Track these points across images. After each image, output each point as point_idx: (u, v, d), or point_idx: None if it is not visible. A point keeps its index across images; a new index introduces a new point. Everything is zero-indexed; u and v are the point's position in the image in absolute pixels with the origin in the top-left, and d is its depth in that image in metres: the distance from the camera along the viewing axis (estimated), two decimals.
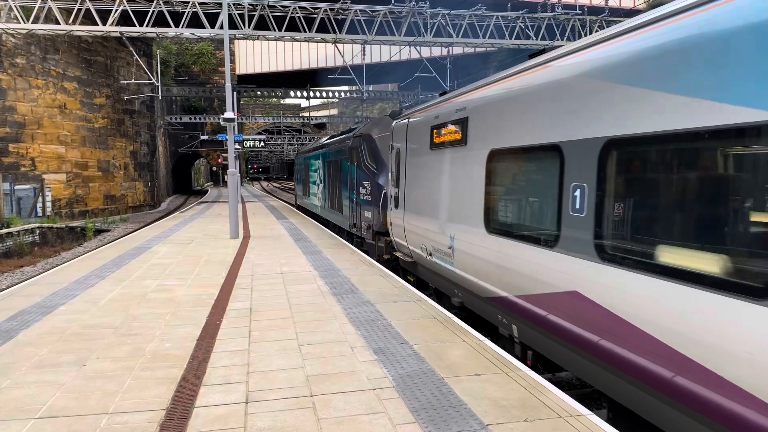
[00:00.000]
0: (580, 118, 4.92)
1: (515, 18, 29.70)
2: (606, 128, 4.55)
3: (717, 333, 3.41)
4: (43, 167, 27.81)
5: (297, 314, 7.51)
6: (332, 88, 57.42)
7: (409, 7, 27.70)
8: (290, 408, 4.54)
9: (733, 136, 3.38)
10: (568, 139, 5.06)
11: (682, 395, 3.72)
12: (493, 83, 7.07)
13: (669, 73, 3.90)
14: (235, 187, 16.31)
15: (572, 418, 4.32)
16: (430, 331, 6.68)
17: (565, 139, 5.12)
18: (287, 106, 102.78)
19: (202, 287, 9.33)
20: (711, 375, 3.45)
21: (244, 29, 26.88)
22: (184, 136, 53.52)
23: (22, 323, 7.11)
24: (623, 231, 4.34)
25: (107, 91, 33.18)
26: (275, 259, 12.16)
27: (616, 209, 4.40)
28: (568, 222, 5.00)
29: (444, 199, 8.39)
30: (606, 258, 4.46)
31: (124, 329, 6.85)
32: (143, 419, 4.35)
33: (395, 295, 8.62)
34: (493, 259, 6.56)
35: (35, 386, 5.02)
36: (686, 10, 3.92)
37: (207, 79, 56.16)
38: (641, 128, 4.13)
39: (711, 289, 3.46)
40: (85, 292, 8.99)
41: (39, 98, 27.51)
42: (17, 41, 26.05)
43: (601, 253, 4.52)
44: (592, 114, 4.77)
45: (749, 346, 3.19)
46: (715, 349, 3.42)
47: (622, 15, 30.75)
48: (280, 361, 5.64)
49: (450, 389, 4.87)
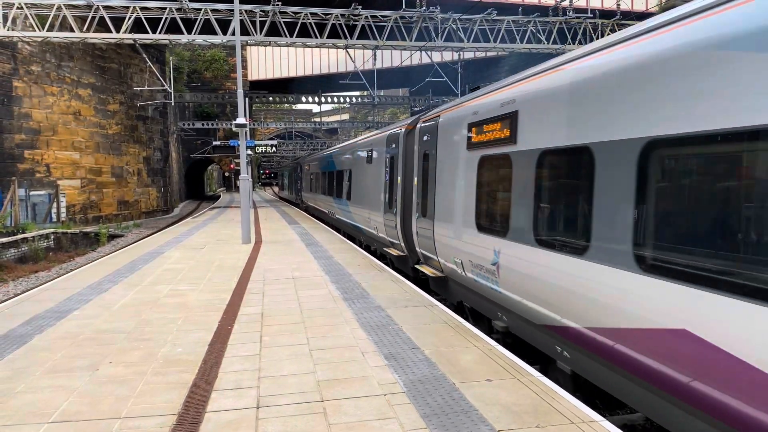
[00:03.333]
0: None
1: (526, 22, 29.63)
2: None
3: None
4: (58, 173, 28.11)
5: (308, 319, 7.52)
6: (343, 93, 57.70)
7: (420, 13, 27.74)
8: (301, 413, 4.53)
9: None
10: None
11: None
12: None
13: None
14: (247, 192, 16.39)
15: (585, 425, 4.27)
16: (441, 336, 6.65)
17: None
18: (299, 112, 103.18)
19: (214, 292, 9.37)
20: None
21: (255, 35, 27.07)
22: (196, 141, 53.89)
23: (37, 328, 7.18)
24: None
25: (121, 97, 33.52)
26: (286, 264, 12.19)
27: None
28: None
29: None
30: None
31: (136, 334, 6.89)
32: (155, 424, 4.37)
33: (406, 300, 8.60)
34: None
35: (49, 391, 5.06)
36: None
37: (219, 86, 56.52)
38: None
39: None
40: (98, 297, 9.05)
41: (54, 105, 27.84)
42: (33, 49, 26.40)
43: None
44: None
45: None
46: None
47: (634, 18, 30.61)
48: (291, 366, 5.64)
49: (461, 395, 4.84)
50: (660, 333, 4.09)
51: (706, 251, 3.75)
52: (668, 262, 4.06)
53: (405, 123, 12.63)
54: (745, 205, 3.54)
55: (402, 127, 12.59)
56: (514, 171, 6.56)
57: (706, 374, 3.68)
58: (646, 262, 4.27)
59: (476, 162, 7.79)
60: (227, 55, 56.46)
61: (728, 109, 3.63)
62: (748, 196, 3.53)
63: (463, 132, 8.39)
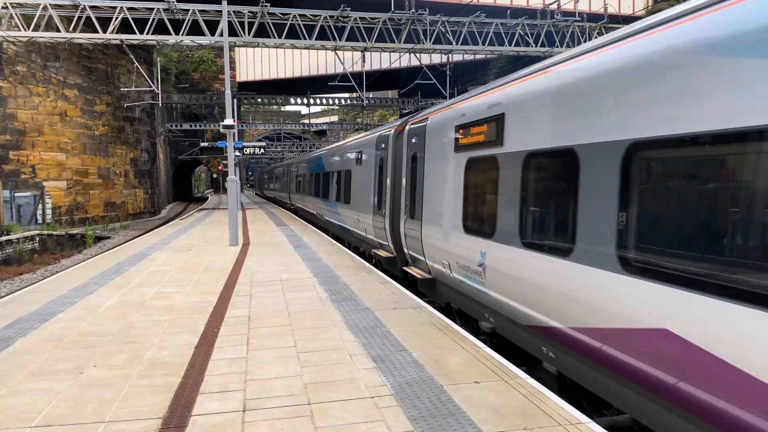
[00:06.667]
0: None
1: (515, 25, 29.80)
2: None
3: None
4: (44, 174, 27.84)
5: (296, 321, 7.48)
6: (332, 95, 57.66)
7: (409, 15, 27.81)
8: (288, 416, 4.50)
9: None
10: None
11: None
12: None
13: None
14: (235, 194, 16.31)
15: (572, 426, 4.28)
16: (430, 338, 6.64)
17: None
18: (287, 113, 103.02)
19: (201, 294, 9.30)
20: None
21: (244, 36, 26.99)
22: (184, 143, 53.64)
23: (20, 331, 7.08)
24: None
25: (108, 98, 33.27)
26: (275, 266, 12.13)
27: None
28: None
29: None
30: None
31: (121, 337, 6.82)
32: (140, 428, 4.32)
33: (394, 302, 8.59)
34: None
35: (32, 394, 4.99)
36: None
37: (207, 87, 56.35)
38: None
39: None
40: (83, 299, 8.96)
41: (40, 106, 27.58)
42: (18, 49, 26.14)
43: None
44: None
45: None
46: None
47: (621, 21, 30.82)
48: (279, 369, 5.61)
49: (449, 397, 4.84)
50: (642, 333, 4.17)
51: (687, 253, 3.83)
52: (649, 263, 4.14)
53: (395, 125, 12.66)
54: (724, 208, 3.60)
55: (391, 129, 12.61)
56: (501, 173, 6.67)
57: (688, 374, 3.76)
58: (628, 263, 4.35)
59: (463, 164, 7.88)
60: (216, 56, 56.35)
61: (702, 112, 3.74)
62: (727, 198, 3.59)
63: (450, 134, 8.47)
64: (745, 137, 3.47)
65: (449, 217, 8.38)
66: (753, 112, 3.40)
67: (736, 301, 3.41)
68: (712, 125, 3.66)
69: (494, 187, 6.79)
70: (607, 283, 4.57)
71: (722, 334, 3.49)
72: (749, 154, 3.46)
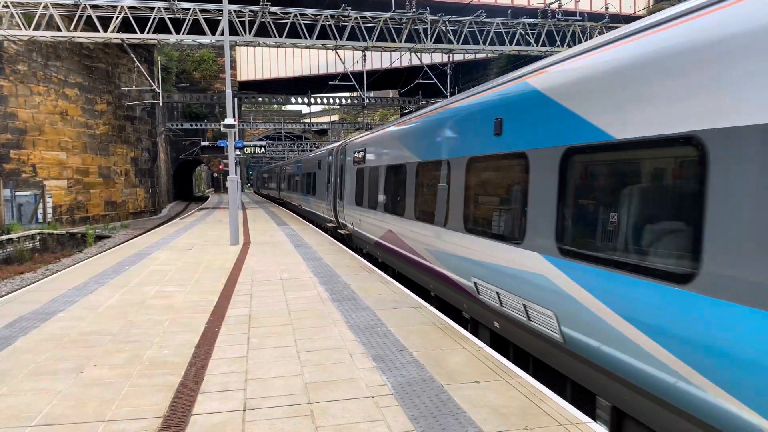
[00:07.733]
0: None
1: (515, 24, 29.78)
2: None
3: None
4: (44, 174, 27.85)
5: (296, 321, 7.48)
6: (333, 94, 57.62)
7: (410, 14, 27.79)
8: (288, 416, 4.50)
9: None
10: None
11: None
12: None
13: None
14: (236, 193, 16.30)
15: (572, 426, 4.28)
16: (430, 337, 6.64)
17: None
18: (288, 113, 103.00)
19: (202, 294, 9.30)
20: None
21: (244, 36, 26.98)
22: (185, 142, 53.61)
23: (21, 330, 7.08)
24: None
25: (108, 97, 33.27)
26: (275, 266, 12.14)
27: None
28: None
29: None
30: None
31: (122, 336, 6.82)
32: (140, 427, 4.32)
33: (395, 301, 8.59)
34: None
35: (32, 393, 4.99)
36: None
37: (208, 86, 56.27)
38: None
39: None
40: (84, 298, 8.96)
41: (40, 105, 27.58)
42: (19, 48, 26.15)
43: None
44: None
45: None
46: None
47: (622, 21, 30.83)
48: (279, 369, 5.61)
49: (449, 397, 4.83)
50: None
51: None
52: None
53: (338, 144, 19.92)
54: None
55: (335, 147, 19.78)
56: (366, 176, 13.76)
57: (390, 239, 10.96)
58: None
59: (356, 171, 15.09)
60: (216, 56, 56.26)
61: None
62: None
63: (351, 154, 15.92)
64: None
65: (349, 199, 15.85)
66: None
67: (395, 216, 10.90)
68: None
69: (363, 183, 14.00)
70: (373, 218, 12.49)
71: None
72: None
